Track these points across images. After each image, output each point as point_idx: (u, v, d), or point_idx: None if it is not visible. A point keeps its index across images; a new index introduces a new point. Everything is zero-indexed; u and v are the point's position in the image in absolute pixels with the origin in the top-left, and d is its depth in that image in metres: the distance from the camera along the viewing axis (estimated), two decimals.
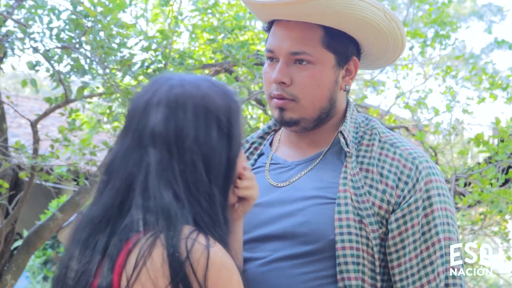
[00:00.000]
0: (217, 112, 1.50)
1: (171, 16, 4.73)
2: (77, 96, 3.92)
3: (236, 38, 4.80)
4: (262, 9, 1.82)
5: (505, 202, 4.73)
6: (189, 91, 1.50)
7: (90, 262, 1.43)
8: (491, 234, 5.84)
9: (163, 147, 1.45)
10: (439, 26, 5.87)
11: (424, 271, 1.72)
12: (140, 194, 1.43)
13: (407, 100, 6.52)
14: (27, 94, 14.37)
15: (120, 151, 1.50)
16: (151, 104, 1.49)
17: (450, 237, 1.74)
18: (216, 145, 1.49)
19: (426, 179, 1.76)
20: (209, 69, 4.93)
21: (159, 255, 1.35)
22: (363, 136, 1.86)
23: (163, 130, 1.46)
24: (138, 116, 1.49)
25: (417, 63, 6.55)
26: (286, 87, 1.79)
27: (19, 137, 7.66)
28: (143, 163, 1.45)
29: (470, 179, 5.07)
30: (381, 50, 1.89)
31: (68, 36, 3.76)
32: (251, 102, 4.88)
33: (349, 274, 1.71)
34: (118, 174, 1.47)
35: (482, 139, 4.82)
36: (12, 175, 4.93)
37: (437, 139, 6.78)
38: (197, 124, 1.47)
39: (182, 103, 1.48)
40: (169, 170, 1.44)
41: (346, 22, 1.78)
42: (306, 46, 1.78)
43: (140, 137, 1.47)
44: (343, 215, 1.73)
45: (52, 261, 9.32)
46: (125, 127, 1.53)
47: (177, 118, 1.47)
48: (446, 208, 1.76)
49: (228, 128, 1.52)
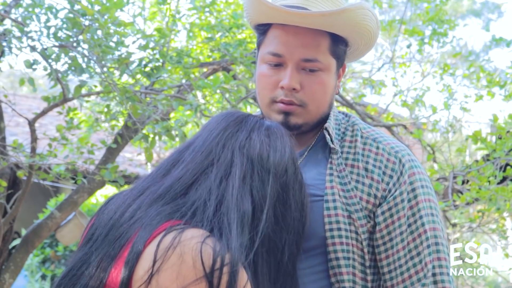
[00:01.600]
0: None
1: (169, 15, 4.73)
2: (75, 95, 3.92)
3: (233, 36, 4.80)
4: (272, 12, 1.79)
5: (503, 200, 4.74)
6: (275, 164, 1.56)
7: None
8: (489, 231, 5.85)
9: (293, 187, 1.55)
10: (437, 24, 5.88)
11: (411, 261, 1.74)
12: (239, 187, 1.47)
13: (405, 98, 6.53)
14: (25, 92, 14.35)
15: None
16: (283, 147, 1.60)
17: (435, 227, 1.77)
18: (299, 225, 1.57)
19: (410, 172, 1.79)
20: (207, 68, 4.93)
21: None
22: (345, 133, 1.90)
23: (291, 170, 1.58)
24: (273, 158, 1.57)
25: (415, 61, 6.55)
26: (296, 92, 1.80)
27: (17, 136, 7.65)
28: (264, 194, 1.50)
29: (468, 177, 5.07)
30: (365, 51, 1.93)
31: (66, 35, 3.75)
32: (249, 100, 4.88)
33: (341, 269, 1.74)
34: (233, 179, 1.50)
35: (480, 137, 4.82)
36: (10, 174, 4.92)
37: (435, 137, 6.79)
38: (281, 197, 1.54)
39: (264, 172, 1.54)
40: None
41: (355, 32, 1.82)
42: (318, 53, 1.80)
43: (275, 175, 1.54)
44: (331, 211, 1.76)
45: (50, 259, 9.32)
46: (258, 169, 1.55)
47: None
48: (430, 199, 1.79)
49: (301, 199, 1.63)
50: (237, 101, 4.51)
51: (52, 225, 4.71)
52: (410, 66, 6.48)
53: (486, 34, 23.35)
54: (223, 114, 1.67)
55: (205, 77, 4.83)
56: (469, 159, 7.88)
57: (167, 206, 1.44)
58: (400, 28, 5.87)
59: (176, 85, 4.55)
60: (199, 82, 4.12)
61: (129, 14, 4.80)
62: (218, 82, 4.21)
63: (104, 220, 1.51)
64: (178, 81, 4.58)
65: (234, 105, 4.54)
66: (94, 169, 4.65)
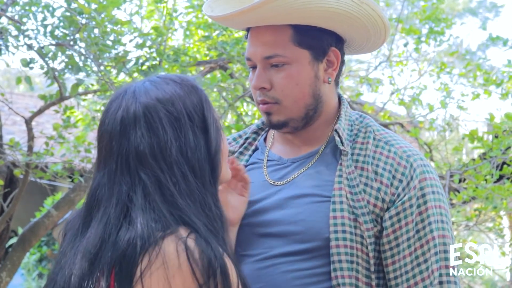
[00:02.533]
0: (189, 113, 1.50)
1: (166, 13, 4.73)
2: (72, 93, 3.92)
3: (230, 35, 4.80)
4: (228, 21, 1.84)
5: (500, 198, 4.74)
6: (158, 99, 1.49)
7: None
8: (485, 230, 5.86)
9: (153, 166, 1.44)
10: (434, 23, 5.88)
11: (418, 268, 1.71)
12: (142, 214, 1.40)
13: (402, 96, 6.54)
14: (22, 91, 14.34)
15: (104, 178, 1.47)
16: (127, 123, 1.47)
17: (444, 234, 1.74)
18: (196, 146, 1.49)
19: (421, 177, 1.76)
20: (204, 66, 4.92)
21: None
22: (358, 134, 1.86)
23: (148, 149, 1.45)
24: (117, 138, 1.47)
25: (412, 59, 6.56)
26: (267, 91, 1.80)
27: (13, 134, 7.65)
28: (138, 186, 1.43)
29: (465, 175, 5.08)
30: (361, 35, 1.86)
31: (63, 33, 3.75)
32: (246, 98, 4.88)
33: (343, 272, 1.71)
34: (109, 201, 1.44)
35: (476, 135, 4.83)
36: (7, 173, 4.92)
37: (431, 136, 6.81)
38: (176, 134, 1.47)
39: (155, 115, 1.47)
40: (165, 187, 1.43)
41: (310, 17, 1.76)
42: (277, 48, 1.78)
43: (126, 161, 1.45)
44: (337, 213, 1.73)
45: (47, 258, 9.32)
46: (104, 152, 1.49)
47: (156, 134, 1.46)
48: (440, 206, 1.76)
49: (202, 122, 1.52)
50: (234, 100, 4.51)
51: (49, 223, 4.71)
52: (407, 65, 6.48)
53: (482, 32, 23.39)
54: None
55: (202, 75, 4.83)
56: (466, 157, 7.89)
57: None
58: (397, 27, 5.88)
59: None
60: None
61: (126, 12, 4.79)
62: (215, 81, 4.22)
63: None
64: None
65: (231, 103, 4.54)
66: (91, 167, 4.65)
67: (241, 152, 1.98)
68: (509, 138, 4.69)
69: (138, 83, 1.55)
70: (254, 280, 1.73)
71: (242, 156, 1.98)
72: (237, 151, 1.99)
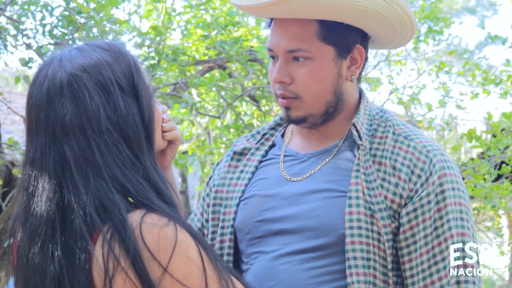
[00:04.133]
0: (118, 79, 1.44)
1: (164, 13, 4.73)
2: None
3: (229, 34, 4.79)
4: (252, 10, 1.79)
5: (498, 197, 4.74)
6: (84, 67, 1.43)
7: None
8: (484, 229, 5.86)
9: (79, 137, 1.39)
10: (432, 22, 5.88)
11: (435, 267, 1.67)
12: (73, 193, 1.36)
13: (401, 95, 6.54)
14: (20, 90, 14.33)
15: (37, 152, 1.42)
16: (53, 94, 1.41)
17: (464, 233, 1.69)
18: (128, 113, 1.43)
19: (440, 173, 1.71)
20: (203, 65, 4.92)
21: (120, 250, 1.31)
22: (377, 129, 1.81)
23: (74, 118, 1.39)
24: (44, 109, 1.41)
25: (411, 58, 6.57)
26: (287, 85, 1.76)
27: (12, 133, 7.63)
28: (64, 160, 1.38)
29: (464, 175, 5.08)
30: (388, 33, 1.83)
31: (61, 33, 3.75)
32: (245, 98, 4.88)
33: (358, 269, 1.67)
34: (44, 177, 1.39)
35: (475, 135, 4.83)
36: (5, 172, 4.92)
37: (430, 135, 6.80)
38: (103, 102, 1.41)
39: (82, 84, 1.41)
40: (92, 159, 1.38)
41: (339, 13, 1.73)
42: (302, 42, 1.74)
43: (53, 133, 1.40)
44: (353, 209, 1.70)
45: None
46: (34, 124, 1.43)
47: (83, 102, 1.40)
48: (461, 203, 1.71)
49: (133, 88, 1.46)
50: (232, 99, 4.51)
51: None
52: (406, 64, 6.49)
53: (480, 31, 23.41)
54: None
55: (201, 75, 4.82)
56: (465, 157, 7.90)
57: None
58: None
59: (171, 83, 4.55)
60: (195, 80, 4.12)
61: (124, 12, 4.80)
62: (213, 80, 4.22)
63: None
64: (173, 79, 4.58)
65: (229, 103, 4.54)
66: None
67: (257, 148, 1.95)
68: (507, 137, 4.69)
69: (65, 51, 1.48)
70: (269, 278, 1.72)
71: (258, 152, 1.94)
72: (254, 147, 1.95)
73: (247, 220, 1.82)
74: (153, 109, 1.50)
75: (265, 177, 1.86)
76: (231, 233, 1.85)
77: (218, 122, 5.36)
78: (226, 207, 1.88)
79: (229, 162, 1.96)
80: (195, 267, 1.34)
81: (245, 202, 1.85)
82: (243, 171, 1.92)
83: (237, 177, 1.92)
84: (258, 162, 1.91)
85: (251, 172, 1.89)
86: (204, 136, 6.55)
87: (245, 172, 1.91)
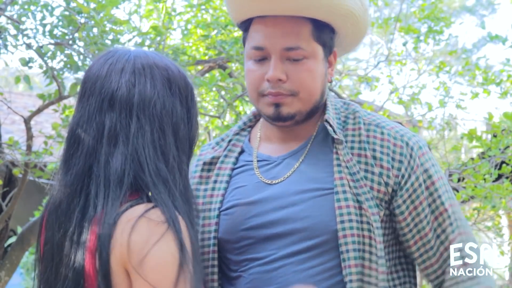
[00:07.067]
0: (179, 86, 1.52)
1: (165, 12, 4.72)
2: (71, 93, 3.91)
3: (229, 34, 4.79)
4: (247, 4, 1.78)
5: (499, 197, 4.74)
6: (154, 61, 1.51)
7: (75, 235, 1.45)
8: (484, 229, 5.86)
9: (123, 112, 1.45)
10: (432, 22, 5.88)
11: (439, 240, 1.78)
12: (96, 162, 1.44)
13: (401, 95, 6.54)
14: (20, 90, 14.32)
15: (84, 117, 1.49)
16: (113, 69, 1.48)
17: (452, 203, 1.81)
18: (181, 117, 1.50)
19: (419, 153, 1.80)
20: (203, 65, 4.92)
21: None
22: (346, 121, 1.85)
23: (125, 94, 1.46)
24: (101, 79, 1.48)
25: (411, 58, 6.56)
26: (282, 83, 1.77)
27: (12, 133, 7.64)
28: (103, 128, 1.45)
29: (464, 175, 5.08)
30: (356, 38, 1.89)
31: (61, 33, 3.75)
32: (245, 98, 4.87)
33: (351, 261, 1.70)
34: (84, 141, 1.46)
35: (475, 135, 4.83)
36: (6, 172, 4.92)
37: (430, 135, 6.80)
38: (164, 94, 1.48)
39: (148, 71, 1.48)
40: (126, 133, 1.45)
41: (334, 13, 1.77)
42: (300, 41, 1.76)
43: (102, 101, 1.47)
44: (342, 203, 1.73)
45: None
46: (87, 92, 1.51)
47: (143, 85, 1.47)
48: (441, 176, 1.82)
49: (187, 104, 1.54)
50: (232, 99, 4.51)
51: None
52: (406, 64, 6.48)
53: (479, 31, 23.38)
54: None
55: (201, 74, 4.82)
56: (465, 156, 7.89)
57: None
58: (396, 26, 5.87)
59: None
60: (195, 80, 4.12)
61: (125, 11, 4.80)
62: (214, 80, 4.22)
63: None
64: None
65: (229, 102, 4.54)
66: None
67: (226, 155, 1.94)
68: (508, 137, 4.69)
69: (131, 48, 1.59)
70: (264, 283, 1.72)
71: (227, 159, 1.93)
72: (222, 155, 1.94)
73: (233, 230, 1.81)
74: (197, 136, 1.58)
75: (242, 185, 1.85)
76: (214, 245, 1.82)
77: (218, 122, 5.36)
78: (204, 219, 1.86)
79: (199, 173, 1.94)
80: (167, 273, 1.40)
81: (226, 213, 1.84)
82: (217, 181, 1.90)
83: (211, 188, 1.90)
84: (231, 170, 1.90)
85: (226, 182, 1.88)
86: (204, 136, 6.54)
87: (219, 182, 1.89)
